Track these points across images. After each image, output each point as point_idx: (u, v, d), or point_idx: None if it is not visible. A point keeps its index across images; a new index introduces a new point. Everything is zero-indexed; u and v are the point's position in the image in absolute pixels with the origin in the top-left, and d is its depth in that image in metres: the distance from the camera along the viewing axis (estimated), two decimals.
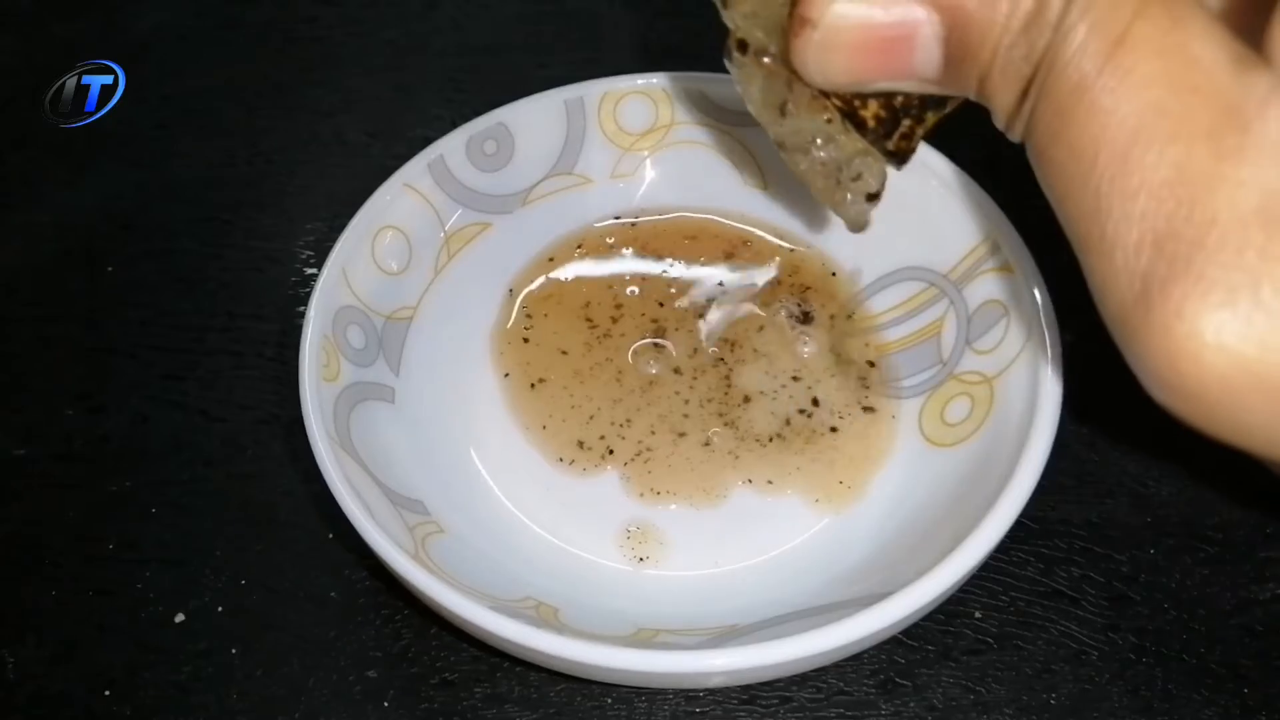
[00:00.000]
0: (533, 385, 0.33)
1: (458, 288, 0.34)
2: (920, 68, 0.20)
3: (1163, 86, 0.16)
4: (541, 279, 0.35)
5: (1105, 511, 0.31)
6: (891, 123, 0.22)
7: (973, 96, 0.20)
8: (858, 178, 0.24)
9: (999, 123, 0.20)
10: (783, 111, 0.23)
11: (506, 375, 0.33)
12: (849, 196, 0.24)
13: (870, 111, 0.22)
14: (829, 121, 0.23)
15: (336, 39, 0.47)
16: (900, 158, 0.23)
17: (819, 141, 0.23)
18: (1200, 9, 0.17)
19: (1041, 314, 0.28)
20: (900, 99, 0.21)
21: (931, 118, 0.22)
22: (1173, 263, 0.16)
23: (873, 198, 0.25)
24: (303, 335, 0.29)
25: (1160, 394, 0.18)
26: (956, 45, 0.19)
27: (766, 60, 0.23)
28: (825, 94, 0.22)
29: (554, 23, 0.46)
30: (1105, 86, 0.17)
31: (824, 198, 0.25)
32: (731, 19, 0.23)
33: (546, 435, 0.32)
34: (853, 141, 0.23)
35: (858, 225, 0.25)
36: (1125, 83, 0.16)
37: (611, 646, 0.23)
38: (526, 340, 0.34)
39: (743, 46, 0.23)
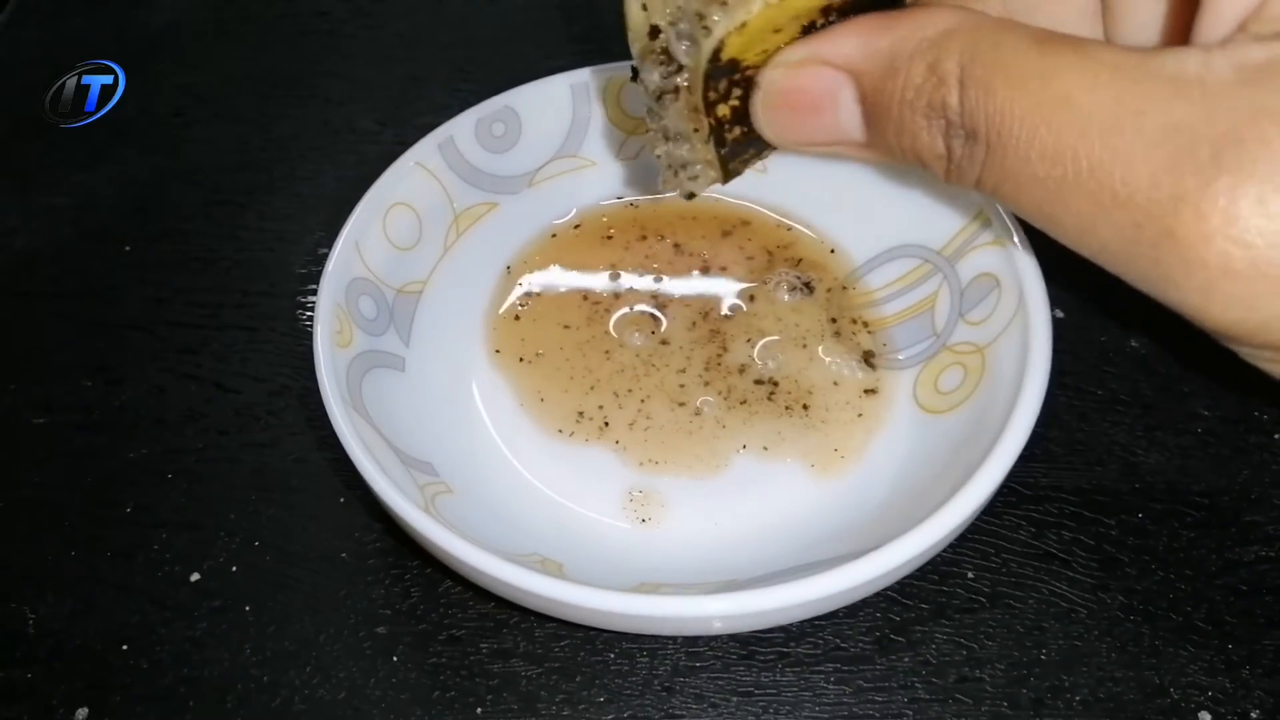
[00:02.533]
0: (531, 359, 0.34)
1: (466, 264, 0.35)
2: (847, 126, 0.23)
3: (1108, 90, 0.19)
4: (543, 257, 0.36)
5: (1095, 478, 0.32)
6: (744, 147, 0.26)
7: (905, 159, 0.22)
8: (694, 178, 0.28)
9: (938, 172, 0.22)
10: (662, 103, 0.26)
11: (505, 350, 0.34)
12: (679, 188, 0.28)
13: (734, 135, 0.25)
14: (696, 131, 0.26)
15: (347, 31, 0.48)
16: (730, 177, 0.27)
17: (677, 139, 0.27)
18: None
19: (1031, 285, 0.29)
20: (755, 130, 0.25)
21: (767, 154, 0.27)
22: (1202, 172, 0.17)
23: (690, 198, 0.29)
24: (318, 301, 0.30)
25: (1221, 279, 0.18)
26: (871, 104, 0.22)
27: (683, 57, 0.24)
28: (707, 110, 0.25)
29: (559, 15, 0.47)
30: (1055, 112, 0.19)
31: (663, 177, 0.28)
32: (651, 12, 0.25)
33: (546, 407, 0.33)
34: (705, 151, 0.26)
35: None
36: (1069, 107, 0.19)
37: (615, 592, 0.24)
38: (523, 317, 0.35)
39: (654, 32, 0.25)
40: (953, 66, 0.20)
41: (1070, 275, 0.36)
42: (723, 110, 0.25)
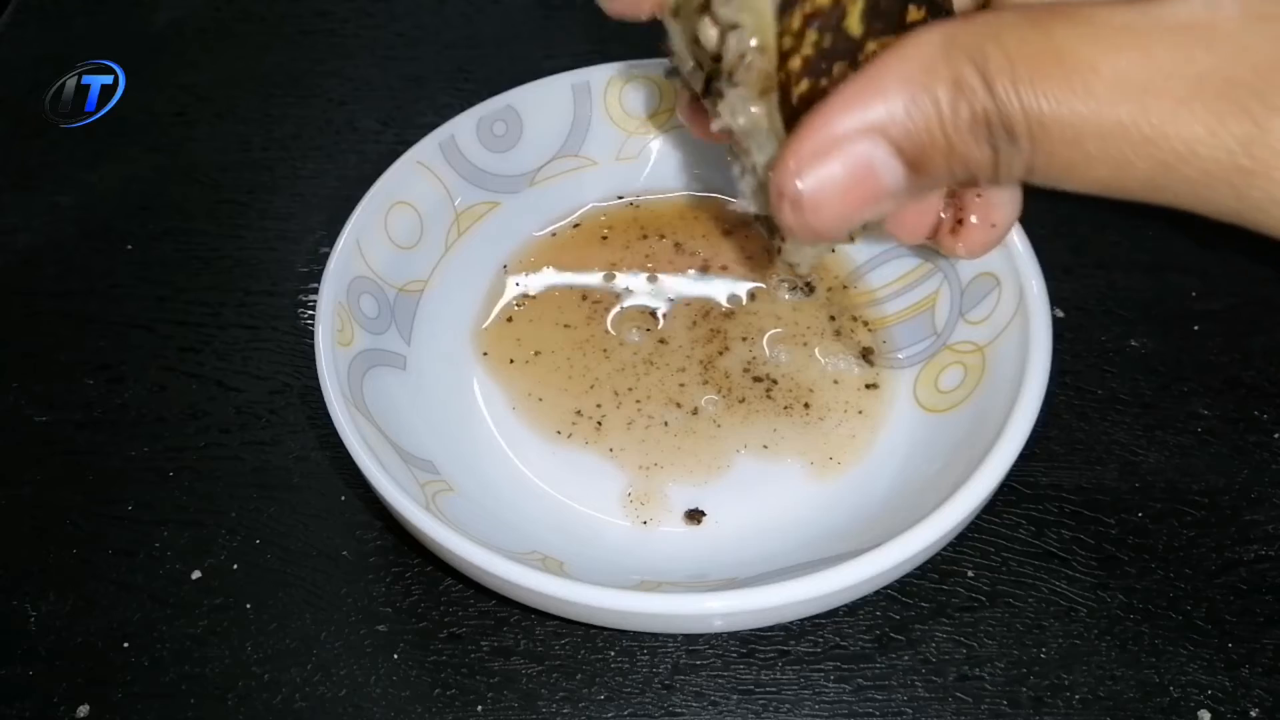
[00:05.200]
0: (529, 359, 0.34)
1: (467, 263, 0.35)
2: (892, 185, 0.21)
3: (1128, 54, 0.19)
4: (543, 256, 0.36)
5: (1095, 477, 0.32)
6: None
7: (950, 181, 0.22)
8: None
9: (985, 179, 0.21)
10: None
11: (493, 353, 0.34)
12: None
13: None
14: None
15: (349, 31, 0.48)
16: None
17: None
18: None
19: (1031, 285, 0.29)
20: None
21: None
22: (1257, 119, 0.18)
23: (856, 239, 0.27)
24: (319, 300, 0.30)
25: None
26: (912, 150, 0.21)
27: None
28: (785, 87, 0.22)
29: (560, 15, 0.48)
30: (1089, 88, 0.19)
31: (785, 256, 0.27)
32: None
33: (546, 406, 0.33)
34: None
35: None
36: (1098, 79, 0.19)
37: (616, 590, 0.24)
38: (521, 318, 0.35)
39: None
40: (972, 72, 0.20)
41: (1070, 275, 0.37)
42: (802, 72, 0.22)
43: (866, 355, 0.33)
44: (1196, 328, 0.35)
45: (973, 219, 0.25)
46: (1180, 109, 0.18)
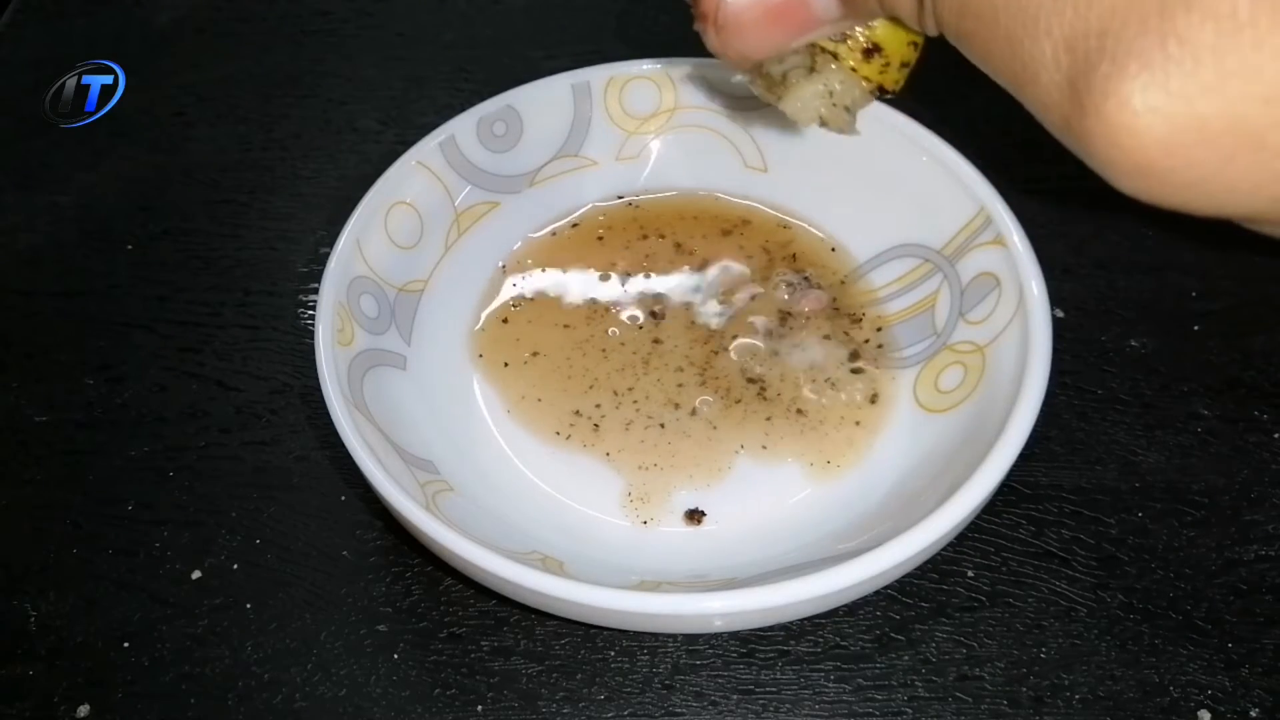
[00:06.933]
0: (527, 359, 0.34)
1: (467, 264, 0.35)
2: (822, 12, 0.21)
3: None
4: (543, 256, 0.36)
5: (1095, 477, 0.32)
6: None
7: (878, 12, 0.21)
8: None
9: (912, 25, 0.21)
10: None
11: (488, 355, 0.34)
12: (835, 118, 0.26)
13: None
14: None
15: (349, 31, 0.48)
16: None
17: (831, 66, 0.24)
18: None
19: (1031, 285, 0.29)
20: None
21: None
22: (1087, 55, 0.17)
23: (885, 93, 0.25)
24: (319, 300, 0.30)
25: (1119, 178, 0.18)
26: None
27: None
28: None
29: (560, 16, 0.48)
30: None
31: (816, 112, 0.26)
32: None
33: (545, 406, 0.33)
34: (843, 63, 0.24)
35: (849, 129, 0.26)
36: None
37: (616, 589, 0.24)
38: (519, 319, 0.35)
39: None
40: None
41: (1070, 275, 0.37)
42: None
43: (866, 355, 0.33)
44: (1196, 328, 0.35)
45: None
46: (1040, 17, 0.17)
